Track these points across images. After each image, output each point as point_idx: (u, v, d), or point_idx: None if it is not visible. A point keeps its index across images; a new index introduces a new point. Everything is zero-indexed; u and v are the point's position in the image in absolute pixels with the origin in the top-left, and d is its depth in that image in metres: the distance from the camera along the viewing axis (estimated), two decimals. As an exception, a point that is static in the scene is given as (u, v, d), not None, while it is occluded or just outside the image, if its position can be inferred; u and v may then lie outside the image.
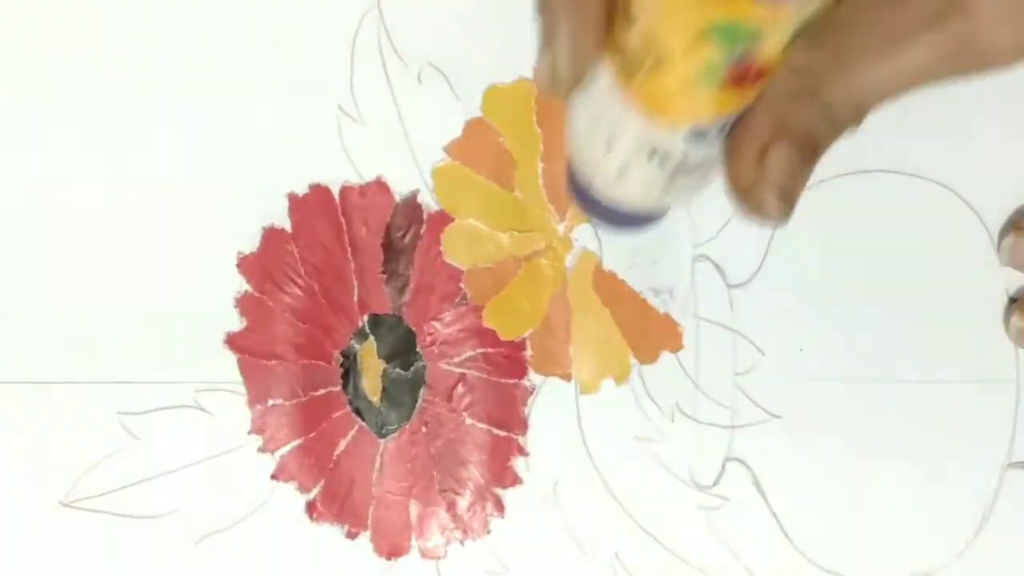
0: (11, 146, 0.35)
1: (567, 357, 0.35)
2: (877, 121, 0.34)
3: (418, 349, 0.35)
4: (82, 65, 0.35)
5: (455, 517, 0.35)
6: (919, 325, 0.35)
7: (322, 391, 0.35)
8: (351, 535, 0.35)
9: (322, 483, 0.35)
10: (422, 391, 0.35)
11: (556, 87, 0.23)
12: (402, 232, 0.35)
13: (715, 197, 0.34)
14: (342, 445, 0.35)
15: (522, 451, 0.35)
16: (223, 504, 0.35)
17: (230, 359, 0.35)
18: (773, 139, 0.24)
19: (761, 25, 0.20)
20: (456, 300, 0.35)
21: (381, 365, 0.35)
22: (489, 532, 0.35)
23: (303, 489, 0.35)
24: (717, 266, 0.35)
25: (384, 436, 0.35)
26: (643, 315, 0.35)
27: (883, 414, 0.34)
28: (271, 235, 0.35)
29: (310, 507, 0.35)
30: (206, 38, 0.34)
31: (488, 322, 0.35)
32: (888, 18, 0.23)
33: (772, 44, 0.21)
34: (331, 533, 0.35)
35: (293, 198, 0.35)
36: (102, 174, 0.35)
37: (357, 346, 0.35)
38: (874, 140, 0.34)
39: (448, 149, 0.34)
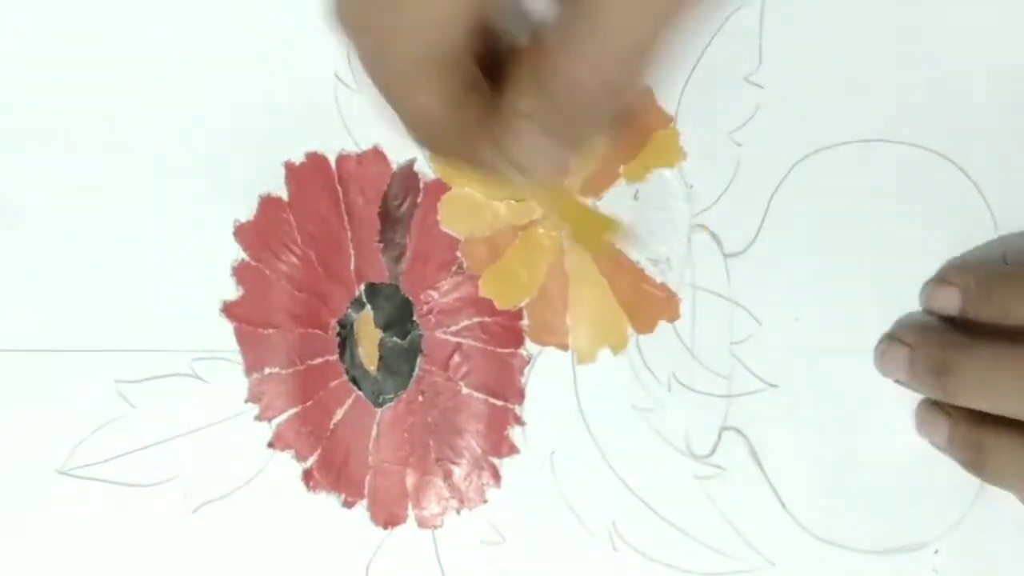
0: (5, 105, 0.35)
1: (564, 327, 0.35)
2: (878, 91, 0.34)
3: (415, 318, 0.35)
4: (75, 29, 0.35)
5: (452, 486, 0.35)
6: (915, 295, 0.35)
7: (319, 360, 0.35)
8: (348, 504, 0.35)
9: (319, 452, 0.35)
10: (419, 360, 0.35)
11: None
12: (399, 201, 0.35)
13: (711, 166, 0.34)
14: (339, 414, 0.35)
15: (519, 421, 0.35)
16: (220, 472, 0.35)
17: (227, 327, 0.35)
18: None
19: None
20: (453, 269, 0.35)
21: (378, 334, 0.35)
22: (486, 502, 0.35)
23: (300, 458, 0.35)
24: (714, 235, 0.35)
25: (381, 405, 0.35)
26: (640, 285, 0.35)
27: (879, 384, 0.34)
28: (268, 203, 0.35)
29: (307, 476, 0.35)
30: (203, 2, 0.34)
31: (485, 291, 0.35)
32: None
33: None
34: (328, 502, 0.35)
35: (290, 166, 0.35)
36: (98, 142, 0.35)
37: (354, 315, 0.35)
38: (874, 110, 0.34)
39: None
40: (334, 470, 0.35)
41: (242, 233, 0.35)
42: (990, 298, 0.33)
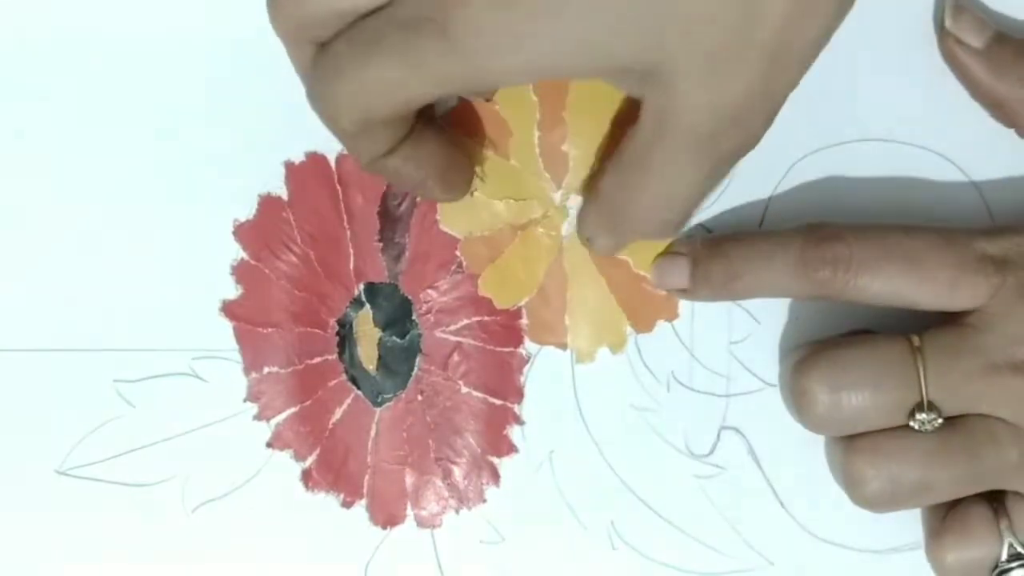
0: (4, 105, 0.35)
1: (563, 326, 0.35)
2: (878, 91, 0.34)
3: (414, 317, 0.35)
4: (75, 28, 0.35)
5: (451, 486, 0.35)
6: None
7: (318, 359, 0.35)
8: (347, 504, 0.35)
9: (317, 452, 0.35)
10: (418, 360, 0.35)
11: None
12: (398, 200, 0.35)
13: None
14: (337, 414, 0.35)
15: (518, 420, 0.35)
16: (218, 472, 0.35)
17: (226, 327, 0.35)
18: None
19: None
20: (452, 268, 0.35)
21: (377, 333, 0.35)
22: (485, 501, 0.35)
23: (299, 457, 0.35)
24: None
25: (380, 405, 0.35)
26: (639, 283, 0.35)
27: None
28: (267, 203, 0.35)
29: (305, 476, 0.35)
30: (203, 4, 0.35)
31: (484, 291, 0.35)
32: None
33: None
34: (327, 502, 0.35)
35: (290, 166, 0.35)
36: (98, 140, 0.35)
37: (353, 314, 0.35)
38: (874, 110, 0.34)
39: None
40: (333, 470, 0.35)
41: (241, 232, 0.35)
42: (718, 253, 0.32)
